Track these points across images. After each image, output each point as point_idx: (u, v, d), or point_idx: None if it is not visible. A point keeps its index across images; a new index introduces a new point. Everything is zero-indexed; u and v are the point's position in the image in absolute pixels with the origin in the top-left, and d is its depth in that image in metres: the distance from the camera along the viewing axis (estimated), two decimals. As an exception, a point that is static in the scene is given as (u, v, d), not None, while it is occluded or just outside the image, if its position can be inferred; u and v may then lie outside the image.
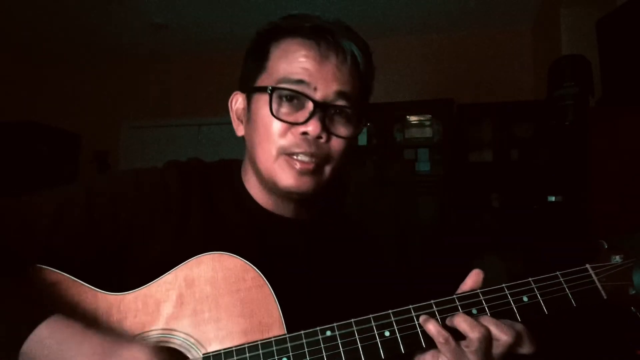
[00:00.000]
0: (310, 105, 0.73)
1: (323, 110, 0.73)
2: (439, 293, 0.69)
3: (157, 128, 4.46)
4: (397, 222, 3.27)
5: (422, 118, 3.59)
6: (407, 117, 3.60)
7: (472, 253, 3.33)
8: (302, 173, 0.74)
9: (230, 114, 0.85)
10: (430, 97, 3.61)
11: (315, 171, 0.75)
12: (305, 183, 0.75)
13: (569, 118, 2.33)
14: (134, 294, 0.69)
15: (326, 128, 0.74)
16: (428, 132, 3.56)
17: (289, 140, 0.74)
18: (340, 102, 0.75)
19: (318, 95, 0.73)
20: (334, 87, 0.74)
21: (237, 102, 0.84)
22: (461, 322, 0.63)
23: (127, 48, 4.24)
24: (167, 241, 0.75)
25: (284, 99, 0.74)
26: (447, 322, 0.65)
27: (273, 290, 0.68)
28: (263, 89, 0.75)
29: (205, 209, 0.79)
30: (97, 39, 4.04)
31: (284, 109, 0.74)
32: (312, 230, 0.84)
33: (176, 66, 4.41)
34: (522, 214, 3.08)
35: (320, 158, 0.75)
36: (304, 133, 0.73)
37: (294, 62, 0.74)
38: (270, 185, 0.78)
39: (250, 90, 0.79)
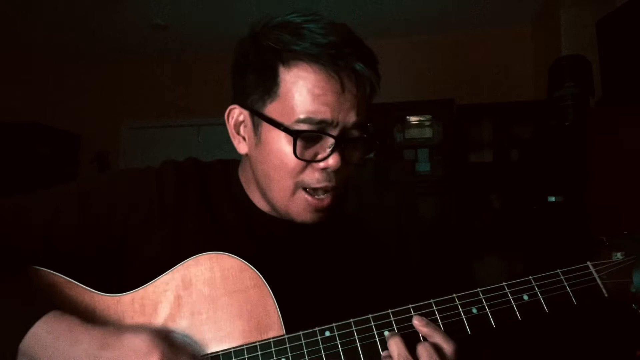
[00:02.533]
0: (330, 141, 0.70)
1: (342, 143, 0.71)
2: (439, 293, 0.68)
3: (157, 128, 4.46)
4: (397, 222, 3.27)
5: (422, 118, 3.59)
6: (407, 117, 3.60)
7: (472, 253, 3.33)
8: (318, 210, 0.74)
9: (228, 128, 0.79)
10: (430, 98, 3.61)
11: (331, 204, 0.74)
12: (322, 217, 0.75)
13: (569, 118, 2.33)
14: (130, 295, 0.69)
15: (345, 159, 0.72)
16: (428, 133, 3.56)
17: (308, 175, 0.72)
18: (356, 132, 0.73)
19: (338, 130, 0.70)
20: (352, 119, 0.71)
21: (235, 116, 0.78)
22: (421, 327, 0.65)
23: (127, 48, 4.24)
24: (164, 241, 0.74)
25: (306, 139, 0.70)
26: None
27: (272, 291, 0.68)
28: (280, 126, 0.70)
29: (202, 209, 0.78)
30: (97, 39, 4.04)
31: (305, 149, 0.70)
32: (310, 231, 0.83)
33: (176, 66, 4.41)
34: (522, 214, 3.08)
35: (338, 186, 0.74)
36: (324, 167, 0.71)
37: (315, 98, 0.69)
38: (283, 215, 0.76)
39: (260, 116, 0.73)
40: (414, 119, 3.60)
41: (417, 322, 0.65)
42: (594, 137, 2.00)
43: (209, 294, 0.68)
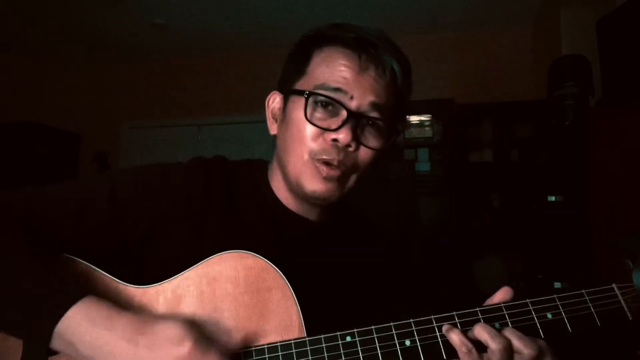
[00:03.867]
0: (344, 114, 0.74)
1: (356, 119, 0.74)
2: (440, 293, 0.68)
3: (157, 128, 4.46)
4: (397, 222, 3.27)
5: (422, 118, 3.59)
6: (407, 117, 3.60)
7: (472, 253, 3.33)
8: (328, 179, 0.75)
9: (266, 111, 0.86)
10: (430, 97, 3.61)
11: (340, 178, 0.76)
12: (330, 189, 0.76)
13: (569, 118, 2.33)
14: (155, 288, 0.70)
15: (356, 138, 0.75)
16: (428, 132, 3.56)
17: (319, 144, 0.75)
18: (374, 114, 0.76)
19: (353, 105, 0.74)
20: (369, 98, 0.75)
21: (274, 101, 0.85)
22: (482, 332, 0.63)
23: (127, 48, 4.24)
24: (187, 237, 0.76)
25: (320, 104, 0.75)
26: (469, 334, 0.65)
27: (293, 290, 0.69)
28: (300, 93, 0.76)
29: (227, 207, 0.79)
30: (97, 39, 4.04)
31: (318, 114, 0.75)
32: (333, 233, 0.85)
33: (176, 66, 4.41)
34: (522, 214, 3.08)
35: (347, 166, 0.76)
36: (334, 140, 0.74)
37: (334, 70, 0.75)
38: (296, 189, 0.78)
39: (288, 92, 0.80)
40: (414, 119, 3.60)
41: (481, 329, 0.64)
42: (594, 137, 2.00)
43: (231, 292, 0.69)
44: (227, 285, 0.69)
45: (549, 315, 0.66)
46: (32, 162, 3.87)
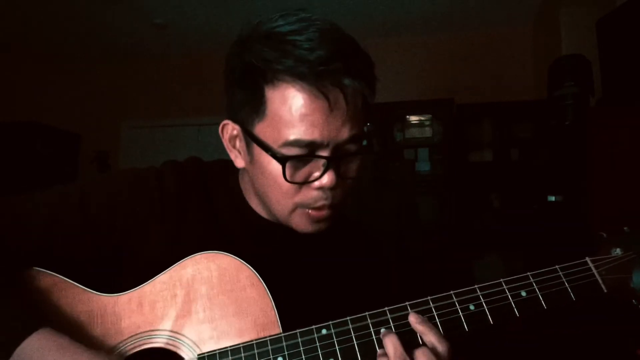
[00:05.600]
0: (322, 162, 0.68)
1: (336, 161, 0.69)
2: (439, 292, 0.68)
3: (157, 128, 4.45)
4: (397, 222, 3.27)
5: (422, 118, 3.59)
6: (407, 117, 3.60)
7: (472, 253, 3.33)
8: (319, 221, 0.73)
9: (223, 142, 0.77)
10: (430, 97, 3.61)
11: (332, 214, 0.73)
12: (322, 227, 0.74)
13: (569, 118, 2.33)
14: (128, 295, 0.69)
15: (340, 175, 0.70)
16: (428, 132, 3.56)
17: (305, 195, 0.70)
18: (352, 147, 0.70)
19: (330, 149, 0.67)
20: (344, 136, 0.68)
21: (229, 131, 0.76)
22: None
23: (127, 48, 4.24)
24: (164, 242, 0.74)
25: (297, 162, 0.68)
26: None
27: (269, 291, 0.68)
28: (272, 153, 0.68)
29: (203, 210, 0.78)
30: (97, 39, 4.04)
31: (296, 171, 0.69)
32: (309, 235, 0.82)
33: (176, 66, 4.41)
34: (522, 214, 3.08)
35: (337, 202, 0.72)
36: (320, 187, 0.69)
37: (300, 118, 0.65)
38: (283, 223, 0.75)
39: (250, 136, 0.71)
40: (414, 119, 3.60)
41: (413, 319, 0.65)
42: (593, 137, 2.00)
43: (206, 293, 0.68)
44: (201, 286, 0.68)
45: (523, 293, 0.66)
46: (32, 162, 3.86)
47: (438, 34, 3.87)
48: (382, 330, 0.65)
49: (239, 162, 0.76)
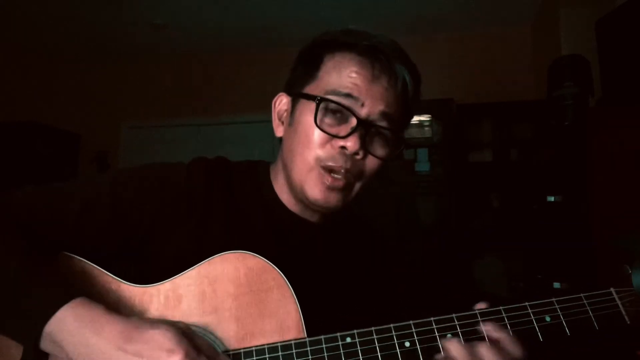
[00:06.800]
0: (353, 121, 0.73)
1: (365, 128, 0.74)
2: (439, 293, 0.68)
3: (157, 128, 4.45)
4: (397, 222, 3.27)
5: (421, 118, 3.59)
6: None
7: (472, 253, 3.33)
8: (331, 188, 0.75)
9: (272, 113, 0.84)
10: (430, 97, 3.60)
11: (344, 188, 0.76)
12: (333, 198, 0.76)
13: (568, 118, 2.33)
14: (156, 288, 0.70)
15: (364, 146, 0.74)
16: (428, 132, 3.56)
17: (326, 151, 0.74)
18: (383, 123, 0.76)
19: (363, 113, 0.74)
20: (379, 107, 0.74)
21: (281, 103, 0.84)
22: (452, 348, 0.64)
23: (127, 48, 4.24)
24: (189, 237, 0.76)
25: (330, 111, 0.74)
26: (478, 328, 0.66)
27: (294, 292, 0.69)
28: (311, 97, 0.75)
29: (229, 208, 0.79)
30: (97, 39, 4.04)
31: (328, 120, 0.74)
32: (334, 235, 0.85)
33: (176, 66, 4.41)
34: (522, 214, 3.09)
35: (352, 175, 0.75)
36: (343, 147, 0.73)
37: (346, 76, 0.75)
38: (299, 193, 0.78)
39: (297, 95, 0.79)
40: (413, 119, 3.60)
41: (490, 328, 0.65)
42: (593, 137, 2.00)
43: (233, 292, 0.69)
44: (229, 285, 0.69)
45: (548, 319, 0.67)
46: (32, 162, 3.86)
47: (438, 34, 3.87)
48: (449, 335, 0.65)
49: (279, 131, 0.83)
